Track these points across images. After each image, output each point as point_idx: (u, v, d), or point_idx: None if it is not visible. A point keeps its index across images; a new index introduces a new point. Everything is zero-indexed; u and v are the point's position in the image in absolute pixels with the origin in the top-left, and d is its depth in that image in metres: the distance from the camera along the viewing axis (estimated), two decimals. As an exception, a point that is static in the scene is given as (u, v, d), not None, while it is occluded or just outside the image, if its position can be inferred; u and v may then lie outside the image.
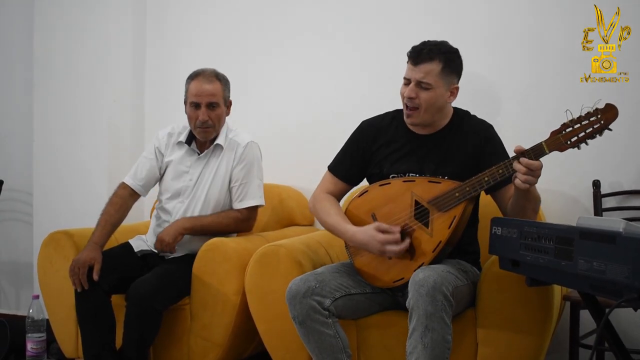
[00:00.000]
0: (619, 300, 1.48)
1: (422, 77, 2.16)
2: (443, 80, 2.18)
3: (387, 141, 2.32)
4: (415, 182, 2.19)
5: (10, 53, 3.88)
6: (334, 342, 2.12)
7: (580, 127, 1.94)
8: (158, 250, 2.64)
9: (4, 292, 3.95)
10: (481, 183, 2.06)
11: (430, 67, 2.16)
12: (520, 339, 2.11)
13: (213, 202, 2.72)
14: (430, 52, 2.17)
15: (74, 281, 2.47)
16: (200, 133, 2.69)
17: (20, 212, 3.87)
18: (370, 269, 2.23)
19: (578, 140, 1.95)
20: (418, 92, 2.18)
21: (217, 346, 2.56)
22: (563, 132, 1.96)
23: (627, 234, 1.48)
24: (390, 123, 2.35)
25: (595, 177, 2.73)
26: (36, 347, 2.83)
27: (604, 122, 1.92)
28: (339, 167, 2.40)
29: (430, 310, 1.90)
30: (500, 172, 2.03)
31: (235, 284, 2.53)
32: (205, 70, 2.71)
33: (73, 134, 3.53)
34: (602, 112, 1.93)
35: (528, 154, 1.96)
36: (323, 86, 3.26)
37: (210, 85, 2.65)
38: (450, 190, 2.10)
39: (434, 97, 2.18)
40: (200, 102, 2.64)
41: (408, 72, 2.21)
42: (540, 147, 1.97)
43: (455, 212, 2.09)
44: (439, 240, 2.09)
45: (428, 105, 2.19)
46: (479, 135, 2.25)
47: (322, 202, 2.36)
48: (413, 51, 2.20)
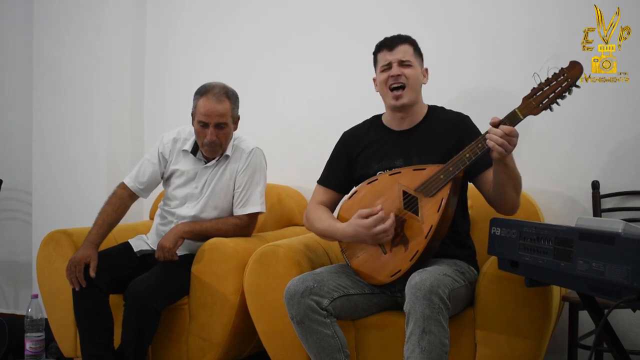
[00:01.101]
0: (618, 301, 1.48)
1: (402, 56, 2.31)
2: (417, 60, 2.35)
3: (368, 143, 2.40)
4: (401, 172, 2.23)
5: (9, 53, 3.88)
6: (332, 342, 2.12)
7: (550, 88, 1.99)
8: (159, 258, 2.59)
9: (2, 292, 3.95)
10: (463, 160, 2.09)
11: (405, 48, 2.33)
12: (519, 340, 2.10)
13: (218, 208, 2.72)
14: (401, 37, 2.35)
15: (71, 280, 2.47)
16: (207, 151, 2.68)
17: (20, 212, 3.87)
18: (367, 269, 2.23)
19: (549, 101, 1.99)
20: (402, 70, 2.30)
21: (215, 346, 2.56)
22: (534, 96, 2.01)
23: (626, 235, 1.48)
24: (369, 127, 2.44)
25: (595, 177, 2.73)
26: (35, 347, 2.84)
27: (570, 79, 1.96)
28: (327, 177, 2.46)
29: (427, 313, 1.90)
30: (480, 146, 2.06)
31: (234, 283, 2.53)
32: (215, 86, 2.64)
33: (72, 134, 3.53)
34: (568, 70, 1.97)
35: (503, 122, 2.01)
36: (324, 86, 3.27)
37: (220, 106, 2.60)
38: (435, 173, 2.14)
39: (416, 73, 2.32)
40: (209, 122, 2.60)
41: (385, 57, 2.33)
42: (513, 113, 2.01)
43: (442, 194, 2.12)
44: (430, 225, 2.11)
45: (413, 81, 2.30)
46: (456, 124, 2.32)
47: (314, 211, 2.40)
48: (385, 41, 2.36)
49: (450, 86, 2.94)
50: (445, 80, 2.88)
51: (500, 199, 2.14)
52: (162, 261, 2.57)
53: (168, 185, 2.79)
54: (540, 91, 2.00)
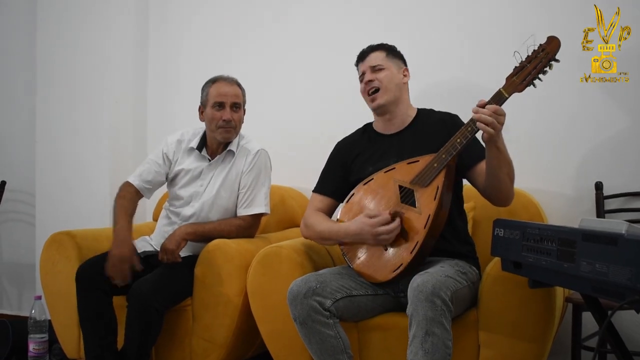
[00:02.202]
0: (622, 302, 1.48)
1: (372, 62, 2.40)
2: (391, 62, 2.40)
3: (362, 149, 2.44)
4: (396, 168, 2.27)
5: (13, 55, 3.89)
6: (335, 343, 2.12)
7: (531, 65, 2.04)
8: (162, 260, 2.59)
9: (6, 293, 3.96)
10: (455, 146, 2.12)
11: (376, 55, 2.41)
12: (523, 341, 2.10)
13: (222, 208, 2.72)
14: (372, 47, 2.44)
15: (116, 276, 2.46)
16: (222, 133, 2.70)
17: (23, 213, 3.88)
18: (369, 269, 2.23)
19: (531, 77, 2.04)
20: (374, 75, 2.38)
21: (219, 347, 2.56)
22: (517, 74, 2.05)
23: (629, 236, 1.48)
24: (362, 135, 2.49)
25: (598, 178, 2.72)
26: (38, 348, 2.84)
27: (549, 53, 2.03)
28: (323, 185, 2.48)
29: (429, 315, 1.90)
30: (470, 129, 2.09)
31: (237, 285, 2.53)
32: (223, 75, 2.76)
33: (75, 135, 3.54)
34: (546, 45, 2.04)
35: (489, 103, 2.03)
36: (326, 88, 3.27)
37: (232, 87, 2.72)
38: (428, 163, 2.17)
39: (389, 75, 2.38)
40: (225, 101, 2.68)
41: (360, 68, 2.44)
42: (499, 93, 2.05)
43: (437, 182, 2.15)
44: (427, 214, 2.13)
45: (387, 82, 2.36)
46: (446, 122, 2.35)
47: (312, 217, 2.41)
48: (359, 53, 2.47)
49: (450, 87, 2.94)
50: (445, 82, 2.87)
51: (495, 189, 2.16)
52: (165, 263, 2.57)
53: (173, 185, 2.80)
54: (522, 69, 2.05)
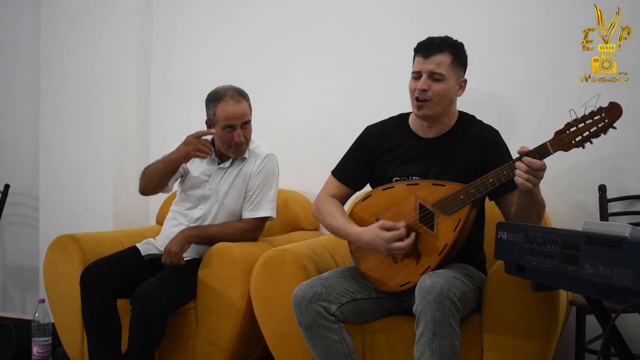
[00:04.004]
0: (625, 305, 1.48)
1: (435, 68, 2.17)
2: (453, 72, 2.20)
3: (391, 145, 2.32)
4: (419, 185, 2.18)
5: (16, 58, 3.89)
6: (340, 348, 2.12)
7: (585, 126, 1.92)
8: (166, 262, 2.60)
9: (9, 296, 3.96)
10: (485, 185, 2.04)
11: (441, 59, 2.17)
12: (526, 344, 2.10)
13: (229, 210, 2.73)
14: (440, 45, 2.19)
15: (201, 150, 2.57)
16: (234, 152, 2.71)
17: (26, 216, 3.88)
18: (375, 274, 2.23)
19: (583, 139, 1.92)
20: (430, 84, 2.18)
21: (222, 351, 2.56)
22: (567, 132, 1.93)
23: (633, 239, 1.48)
24: (395, 127, 2.35)
25: (601, 181, 2.72)
26: (42, 351, 2.85)
27: (608, 120, 1.90)
28: (342, 171, 2.40)
29: (438, 316, 1.90)
30: (505, 174, 2.01)
31: (240, 288, 2.53)
32: (227, 89, 2.68)
33: (79, 139, 3.54)
34: (606, 110, 1.90)
35: (532, 154, 1.94)
36: (329, 91, 3.27)
37: (240, 106, 2.66)
38: (455, 192, 2.09)
39: (445, 88, 2.19)
40: (236, 124, 2.64)
41: (418, 65, 2.21)
42: (544, 147, 1.95)
43: (460, 214, 2.08)
44: (445, 243, 2.09)
45: (439, 98, 2.18)
46: (485, 139, 2.24)
47: (326, 204, 2.36)
48: (422, 44, 2.22)
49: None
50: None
51: (521, 222, 2.05)
52: (168, 265, 2.57)
53: (183, 186, 2.81)
54: (574, 127, 1.92)
